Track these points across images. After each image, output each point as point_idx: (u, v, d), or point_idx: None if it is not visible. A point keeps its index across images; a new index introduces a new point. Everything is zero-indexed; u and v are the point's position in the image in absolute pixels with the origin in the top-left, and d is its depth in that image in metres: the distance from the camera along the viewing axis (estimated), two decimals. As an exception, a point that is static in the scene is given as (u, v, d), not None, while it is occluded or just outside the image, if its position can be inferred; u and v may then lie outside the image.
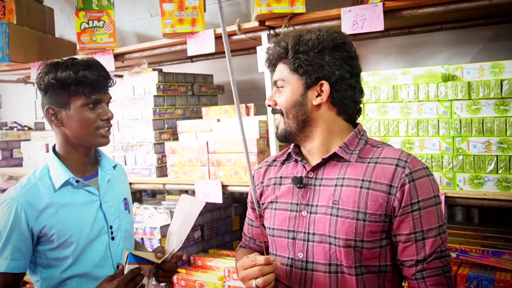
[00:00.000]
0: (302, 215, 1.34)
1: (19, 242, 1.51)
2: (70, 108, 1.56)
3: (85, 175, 1.66)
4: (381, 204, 1.25)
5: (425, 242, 1.25)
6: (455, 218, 2.46)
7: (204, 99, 2.93)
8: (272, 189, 1.45)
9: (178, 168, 2.51)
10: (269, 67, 1.43)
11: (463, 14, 2.08)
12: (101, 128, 1.59)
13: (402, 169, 1.26)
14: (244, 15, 2.82)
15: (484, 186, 1.76)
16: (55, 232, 1.54)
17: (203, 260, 2.60)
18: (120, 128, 2.72)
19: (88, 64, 1.57)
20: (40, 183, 1.58)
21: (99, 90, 1.57)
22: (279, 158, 1.51)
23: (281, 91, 1.36)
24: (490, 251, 1.88)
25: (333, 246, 1.28)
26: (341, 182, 1.31)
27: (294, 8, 2.04)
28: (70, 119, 1.57)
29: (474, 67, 1.83)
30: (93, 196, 1.64)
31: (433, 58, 2.44)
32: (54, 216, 1.54)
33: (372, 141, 1.39)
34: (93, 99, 1.56)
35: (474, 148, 1.77)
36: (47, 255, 1.56)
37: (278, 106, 1.36)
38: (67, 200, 1.58)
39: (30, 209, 1.52)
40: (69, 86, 1.53)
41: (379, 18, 1.86)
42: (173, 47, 2.52)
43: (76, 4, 2.67)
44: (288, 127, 1.35)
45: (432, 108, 1.85)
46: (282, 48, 1.35)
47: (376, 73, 2.06)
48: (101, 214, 1.63)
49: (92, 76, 1.54)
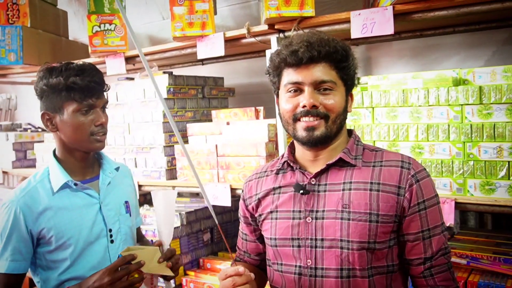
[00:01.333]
0: (307, 221, 1.33)
1: (19, 243, 1.53)
2: (64, 113, 1.57)
3: (85, 178, 1.66)
4: (392, 205, 1.28)
5: (431, 240, 1.29)
6: (468, 223, 2.43)
7: (215, 102, 2.93)
8: (270, 199, 1.43)
9: (187, 171, 2.51)
10: (304, 62, 1.28)
11: (476, 17, 2.04)
12: (96, 134, 1.59)
13: (408, 170, 1.30)
14: (255, 18, 2.81)
15: (495, 192, 1.73)
16: (53, 235, 1.55)
17: (212, 263, 2.60)
18: (130, 130, 2.73)
19: (81, 69, 1.56)
20: (40, 186, 1.59)
21: (91, 95, 1.56)
22: (271, 168, 1.49)
23: (328, 93, 1.30)
24: (502, 258, 1.84)
25: (345, 250, 1.28)
26: (348, 186, 1.31)
27: (303, 12, 2.03)
28: (64, 124, 1.58)
29: (486, 71, 1.80)
30: (92, 199, 1.64)
31: (446, 61, 2.41)
32: (52, 219, 1.56)
33: (368, 146, 1.41)
34: (85, 104, 1.56)
35: (485, 154, 1.74)
36: (46, 257, 1.58)
37: (325, 110, 1.29)
38: (65, 203, 1.59)
39: (28, 212, 1.54)
40: (61, 92, 1.54)
41: (389, 22, 1.84)
42: (183, 50, 2.53)
43: (88, 7, 2.70)
44: (330, 132, 1.31)
45: (442, 113, 1.82)
46: (342, 50, 1.30)
47: (386, 77, 2.04)
48: (100, 217, 1.63)
49: (83, 82, 1.53)
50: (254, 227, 1.53)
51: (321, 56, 1.28)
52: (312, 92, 1.29)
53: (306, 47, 1.27)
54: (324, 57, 1.28)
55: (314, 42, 1.28)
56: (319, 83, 1.29)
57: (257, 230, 1.52)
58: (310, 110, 1.28)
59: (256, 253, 1.57)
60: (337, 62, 1.30)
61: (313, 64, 1.28)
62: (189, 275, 2.59)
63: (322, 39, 1.30)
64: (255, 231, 1.53)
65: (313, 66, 1.29)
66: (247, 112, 2.45)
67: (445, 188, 1.82)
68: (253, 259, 1.58)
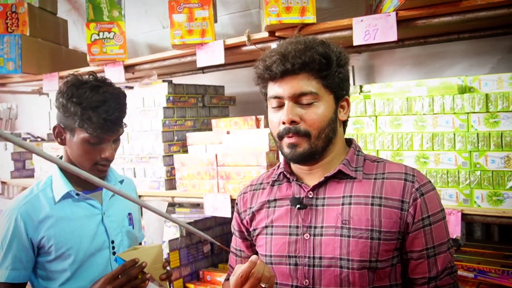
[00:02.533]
0: (305, 238, 1.25)
1: (20, 252, 1.51)
2: (74, 135, 1.54)
3: (88, 189, 1.64)
4: (395, 221, 1.20)
5: (436, 258, 1.22)
6: (474, 235, 2.36)
7: (215, 111, 2.89)
8: (265, 213, 1.35)
9: (187, 181, 2.47)
10: (280, 75, 1.21)
11: (481, 23, 2.00)
12: (99, 165, 1.58)
13: (412, 183, 1.23)
14: (256, 26, 2.78)
15: (503, 204, 1.67)
16: (53, 244, 1.53)
17: (212, 275, 2.55)
18: (129, 140, 2.69)
19: (104, 100, 1.51)
20: (42, 195, 1.58)
21: (104, 133, 1.53)
22: (266, 180, 1.41)
23: (310, 106, 1.22)
24: (510, 272, 1.78)
25: (345, 269, 1.20)
26: (348, 201, 1.23)
27: (304, 18, 1.99)
28: (72, 145, 1.56)
29: (492, 78, 1.75)
30: (95, 209, 1.62)
31: (451, 69, 2.37)
32: (52, 228, 1.53)
33: (369, 156, 1.34)
34: (96, 138, 1.53)
35: (492, 163, 1.69)
36: (46, 267, 1.55)
37: (306, 126, 1.22)
38: (66, 213, 1.57)
39: (29, 220, 1.52)
40: (75, 117, 1.51)
41: (392, 28, 1.80)
42: (182, 58, 2.50)
43: (87, 15, 2.67)
44: (315, 148, 1.23)
45: (448, 121, 1.77)
46: (322, 58, 1.21)
47: (390, 85, 2.00)
48: (102, 228, 1.61)
49: (99, 120, 1.49)
50: (250, 242, 1.44)
51: (296, 68, 1.20)
52: (292, 107, 1.21)
53: (280, 60, 1.20)
54: (301, 68, 1.20)
55: (288, 54, 1.20)
56: (298, 95, 1.21)
57: (253, 245, 1.43)
58: (290, 127, 1.21)
59: None
60: (318, 71, 1.21)
61: (291, 76, 1.21)
62: (189, 287, 2.53)
63: (297, 49, 1.21)
64: (252, 246, 1.44)
65: (291, 78, 1.21)
66: (247, 121, 2.41)
67: (451, 199, 1.76)
68: None
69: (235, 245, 1.50)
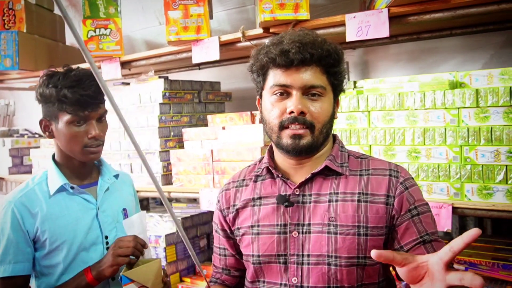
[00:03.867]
0: (293, 236, 1.24)
1: (20, 244, 1.52)
2: (59, 122, 1.55)
3: (83, 183, 1.65)
4: (381, 216, 1.20)
5: (433, 243, 1.20)
6: (467, 228, 2.39)
7: (211, 107, 2.91)
8: (250, 212, 1.32)
9: (183, 176, 2.49)
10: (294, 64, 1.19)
11: (473, 20, 2.02)
12: (89, 146, 1.57)
13: (396, 178, 1.24)
14: (252, 22, 2.79)
15: (493, 197, 1.70)
16: (47, 237, 1.54)
17: (209, 269, 2.57)
18: (126, 135, 2.71)
19: (78, 79, 1.53)
20: (38, 188, 1.59)
21: (84, 109, 1.53)
22: (248, 175, 1.39)
23: (317, 99, 1.22)
24: (500, 264, 1.81)
25: (332, 266, 1.20)
26: (335, 197, 1.23)
27: (298, 15, 2.01)
28: (59, 133, 1.57)
29: (482, 74, 1.77)
30: (89, 204, 1.62)
31: (443, 64, 2.39)
32: (47, 221, 1.54)
33: (352, 152, 1.34)
34: (78, 116, 1.53)
35: (482, 158, 1.71)
36: (40, 262, 1.56)
37: (311, 118, 1.21)
38: (61, 206, 1.58)
39: (25, 212, 1.53)
40: (54, 103, 1.53)
41: (384, 25, 1.82)
42: (178, 54, 2.51)
43: (84, 12, 2.69)
44: (316, 141, 1.23)
45: (439, 116, 1.79)
46: (335, 54, 1.22)
47: (383, 80, 2.02)
48: (96, 223, 1.61)
49: (75, 95, 1.50)
50: (234, 241, 1.41)
51: (313, 59, 1.19)
52: (301, 97, 1.20)
53: (298, 48, 1.18)
54: (316, 61, 1.20)
55: (307, 44, 1.20)
56: (309, 87, 1.21)
57: (237, 244, 1.39)
58: (297, 117, 1.20)
59: (236, 268, 1.45)
60: (329, 66, 1.22)
61: (304, 67, 1.20)
62: (185, 281, 2.56)
63: (316, 41, 1.21)
64: (235, 245, 1.41)
65: (304, 69, 1.20)
66: (243, 117, 2.43)
67: (442, 193, 1.79)
68: (232, 275, 1.46)
69: (218, 244, 1.46)
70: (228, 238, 1.42)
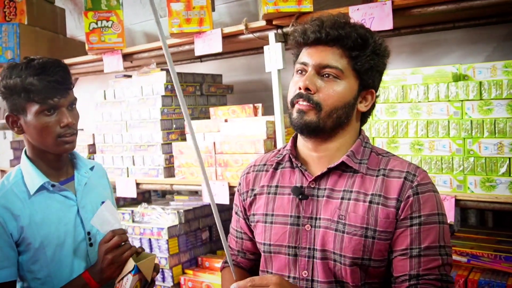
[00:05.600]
0: (306, 229, 1.24)
1: (4, 249, 1.44)
2: (27, 115, 1.46)
3: (60, 179, 1.57)
4: (391, 220, 1.18)
5: (421, 259, 1.15)
6: (468, 221, 2.40)
7: (213, 99, 2.91)
8: (265, 200, 1.32)
9: (185, 168, 2.49)
10: (312, 41, 1.20)
11: (476, 12, 2.02)
12: (63, 136, 1.48)
13: (410, 182, 1.19)
14: (253, 14, 2.79)
15: (496, 189, 1.70)
16: (31, 240, 1.46)
17: (211, 261, 2.59)
18: (128, 128, 2.71)
19: (42, 67, 1.44)
20: (15, 188, 1.49)
21: (53, 95, 1.44)
22: (270, 161, 1.38)
23: (330, 80, 1.19)
24: (502, 256, 1.82)
25: (338, 263, 1.19)
26: (348, 195, 1.22)
27: (301, 7, 2.00)
28: (29, 126, 1.47)
29: (486, 66, 1.77)
30: (70, 201, 1.55)
31: (446, 57, 2.39)
32: (30, 224, 1.47)
33: (377, 149, 1.31)
34: (48, 105, 1.44)
35: (485, 150, 1.72)
36: (24, 266, 1.49)
37: (319, 98, 1.18)
38: (42, 206, 1.50)
39: (7, 214, 1.44)
40: (20, 93, 1.43)
41: (388, 17, 1.82)
42: (180, 47, 2.51)
43: (85, 4, 2.67)
44: (323, 124, 1.19)
45: (442, 109, 1.80)
46: (358, 38, 1.18)
47: (386, 73, 1.99)
48: (78, 220, 1.55)
49: (42, 82, 1.42)
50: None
51: (330, 39, 1.18)
52: (312, 75, 1.19)
53: (317, 26, 1.20)
54: (334, 41, 1.18)
55: (326, 23, 1.19)
56: (323, 67, 1.19)
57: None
58: (302, 93, 1.19)
59: (252, 252, 1.45)
60: (350, 49, 1.18)
61: (323, 46, 1.20)
62: (188, 273, 2.57)
63: (337, 22, 1.19)
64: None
65: (322, 48, 1.20)
66: (245, 109, 2.43)
67: (445, 185, 1.80)
68: (248, 258, 1.47)
69: (236, 226, 1.47)
70: (246, 220, 1.42)
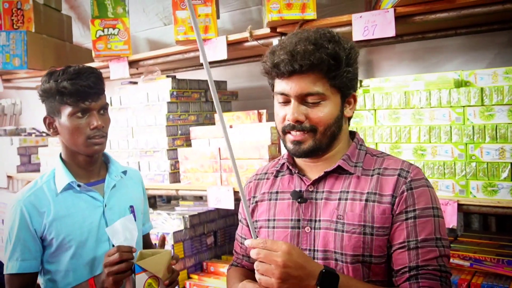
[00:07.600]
0: (306, 231, 1.28)
1: (28, 242, 1.55)
2: (61, 117, 1.59)
3: (90, 181, 1.68)
4: (388, 216, 1.22)
5: (419, 250, 1.19)
6: (472, 226, 2.42)
7: (218, 106, 2.93)
8: (267, 206, 1.38)
9: (190, 174, 2.52)
10: (288, 74, 1.21)
11: (477, 19, 2.05)
12: (92, 138, 1.60)
13: (404, 178, 1.24)
14: (256, 22, 2.82)
15: (498, 194, 1.72)
16: (54, 236, 1.56)
17: (216, 266, 2.60)
18: (134, 134, 2.74)
19: (77, 73, 1.57)
20: (46, 186, 1.62)
21: (85, 99, 1.57)
22: (270, 170, 1.44)
23: (316, 106, 1.22)
24: (505, 260, 1.84)
25: (340, 262, 1.23)
26: (345, 196, 1.26)
27: (305, 15, 2.04)
28: (62, 128, 1.60)
29: (487, 72, 1.80)
30: (96, 201, 1.64)
31: (448, 64, 2.41)
32: (54, 220, 1.57)
33: (372, 150, 1.36)
34: (80, 107, 1.57)
35: (487, 155, 1.74)
36: (48, 260, 1.59)
37: (310, 123, 1.23)
38: (68, 204, 1.60)
39: (33, 211, 1.56)
40: (55, 96, 1.57)
41: (390, 24, 1.85)
42: (186, 54, 2.55)
43: (92, 12, 2.72)
44: (320, 144, 1.25)
45: (444, 115, 1.82)
46: (331, 59, 1.18)
47: (388, 79, 2.05)
48: (103, 221, 1.63)
49: (73, 86, 1.54)
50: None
51: (304, 69, 1.19)
52: (297, 106, 1.23)
53: (288, 60, 1.19)
54: (309, 69, 1.19)
55: (297, 54, 1.18)
56: (305, 95, 1.22)
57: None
58: (294, 125, 1.23)
59: None
60: (326, 72, 1.20)
61: (298, 75, 1.21)
62: (193, 278, 2.59)
63: (306, 50, 1.18)
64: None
65: (298, 77, 1.21)
66: (249, 115, 2.46)
67: (447, 190, 1.82)
68: (252, 262, 1.44)
69: (240, 233, 1.54)
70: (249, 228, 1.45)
